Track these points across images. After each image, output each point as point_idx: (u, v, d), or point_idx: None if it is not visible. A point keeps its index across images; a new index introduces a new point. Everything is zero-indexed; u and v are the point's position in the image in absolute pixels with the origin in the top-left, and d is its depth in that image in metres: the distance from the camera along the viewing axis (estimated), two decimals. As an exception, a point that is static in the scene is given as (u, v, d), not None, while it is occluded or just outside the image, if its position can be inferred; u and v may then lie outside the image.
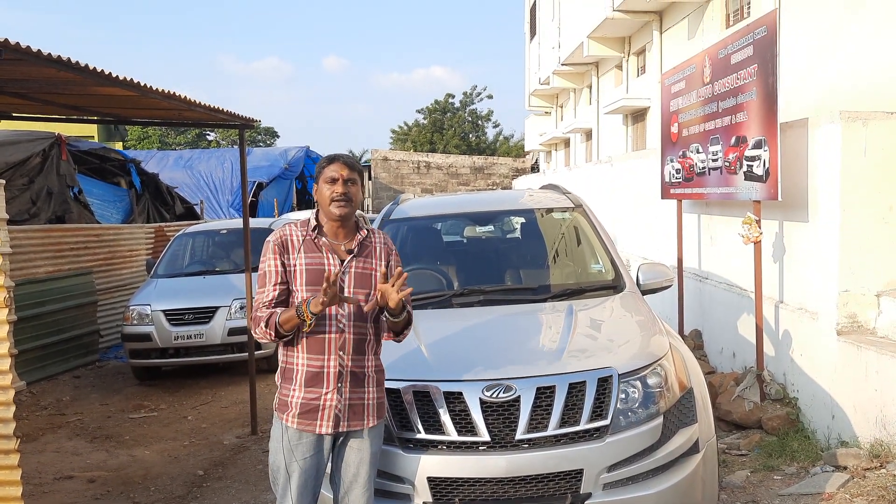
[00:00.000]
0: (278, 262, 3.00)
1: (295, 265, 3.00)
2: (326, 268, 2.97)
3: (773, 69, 5.31)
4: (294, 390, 2.98)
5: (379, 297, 2.93)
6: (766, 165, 5.41)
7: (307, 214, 3.24)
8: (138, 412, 7.47)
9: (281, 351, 3.06)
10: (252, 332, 3.02)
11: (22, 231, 8.80)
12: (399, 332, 3.12)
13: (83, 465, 5.95)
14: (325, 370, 2.96)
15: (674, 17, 15.40)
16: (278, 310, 2.93)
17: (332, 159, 3.08)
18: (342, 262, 3.02)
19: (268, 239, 3.07)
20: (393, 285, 2.87)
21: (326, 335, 2.96)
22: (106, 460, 6.06)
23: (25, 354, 8.16)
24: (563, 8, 22.73)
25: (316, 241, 3.04)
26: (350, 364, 2.98)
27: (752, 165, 5.66)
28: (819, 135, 5.17)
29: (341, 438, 3.05)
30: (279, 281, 2.99)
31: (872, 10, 8.73)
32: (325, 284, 2.76)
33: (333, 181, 3.01)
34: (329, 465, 3.09)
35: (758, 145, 5.54)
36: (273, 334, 2.91)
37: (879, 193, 4.93)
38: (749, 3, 12.22)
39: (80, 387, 8.60)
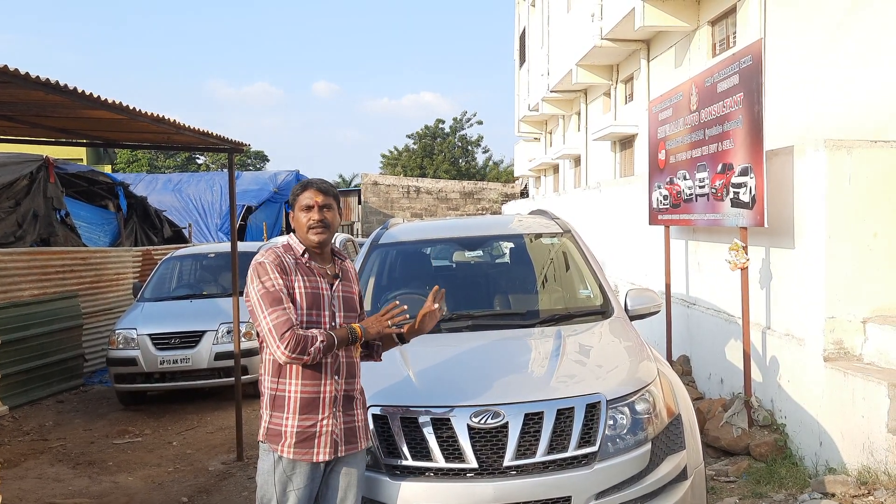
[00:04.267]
0: (283, 282, 2.90)
1: (294, 287, 2.93)
2: (321, 291, 2.98)
3: (758, 97, 5.37)
4: (287, 418, 2.92)
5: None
6: (753, 192, 5.46)
7: None
8: (122, 438, 7.37)
9: (268, 378, 2.96)
10: (282, 351, 2.80)
11: (7, 254, 8.72)
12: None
13: (65, 492, 5.85)
14: (322, 395, 2.93)
15: (661, 45, 15.59)
16: (321, 334, 2.87)
17: (305, 186, 3.04)
18: (331, 285, 3.03)
19: (261, 260, 2.93)
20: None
21: (323, 360, 2.93)
22: (88, 487, 5.97)
23: (8, 378, 8.04)
24: (552, 36, 23.01)
25: (308, 264, 3.02)
26: (343, 388, 2.98)
27: (738, 192, 5.71)
28: (804, 162, 5.22)
29: (331, 465, 3.01)
30: (291, 299, 2.90)
31: (857, 39, 8.88)
32: (386, 315, 2.98)
33: (309, 208, 2.99)
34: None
35: (744, 172, 5.59)
36: (322, 357, 2.90)
37: (864, 220, 4.97)
38: (735, 33, 12.38)
39: (63, 412, 8.49)
